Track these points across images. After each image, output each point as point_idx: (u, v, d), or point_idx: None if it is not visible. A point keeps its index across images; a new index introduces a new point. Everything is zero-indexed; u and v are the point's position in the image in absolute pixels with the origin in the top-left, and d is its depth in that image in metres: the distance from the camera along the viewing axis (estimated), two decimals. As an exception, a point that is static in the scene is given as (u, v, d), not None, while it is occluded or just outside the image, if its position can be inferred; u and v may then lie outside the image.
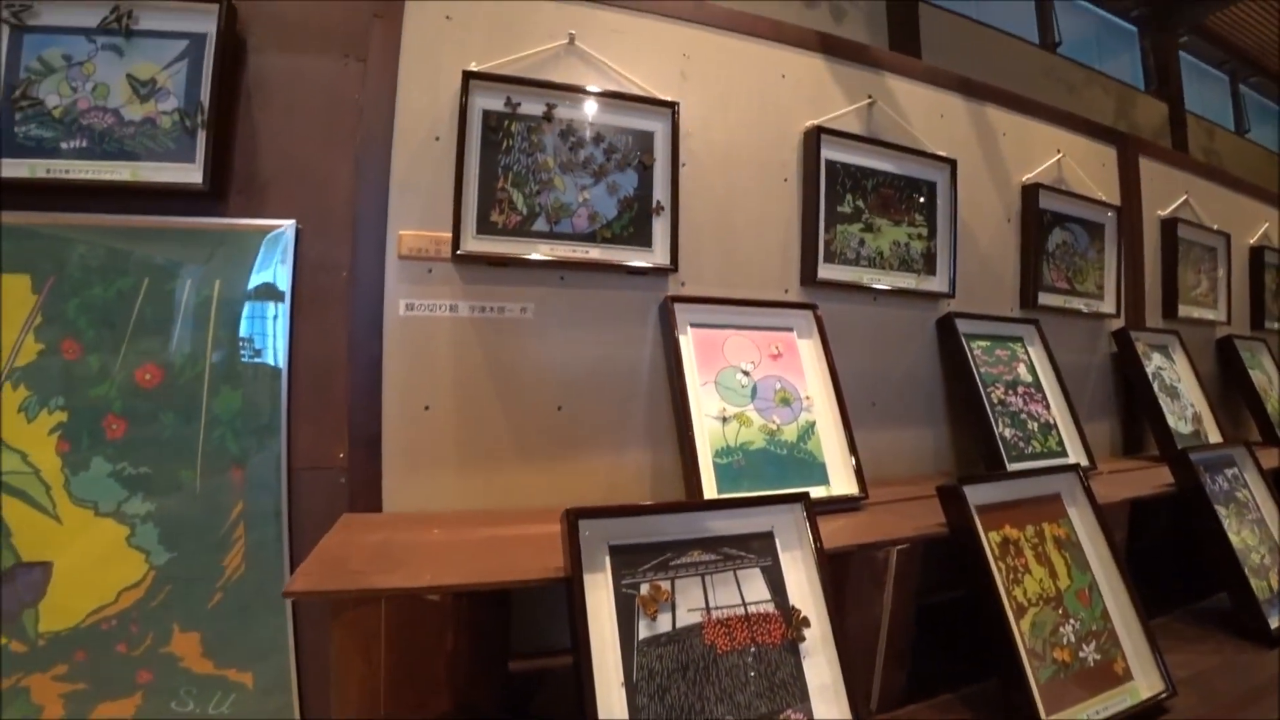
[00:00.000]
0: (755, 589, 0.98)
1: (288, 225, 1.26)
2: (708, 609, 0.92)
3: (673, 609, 0.89)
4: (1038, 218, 1.88)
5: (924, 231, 1.69)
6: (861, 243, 1.61)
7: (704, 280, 1.46)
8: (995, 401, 1.64)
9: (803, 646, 0.95)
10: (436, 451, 1.27)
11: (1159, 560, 1.84)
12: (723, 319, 1.43)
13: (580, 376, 1.36)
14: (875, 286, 1.61)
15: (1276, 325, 2.78)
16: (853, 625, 1.21)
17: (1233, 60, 4.73)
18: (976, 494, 1.19)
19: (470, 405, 1.29)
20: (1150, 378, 2.05)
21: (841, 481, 1.37)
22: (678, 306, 1.38)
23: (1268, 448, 2.29)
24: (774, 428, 1.36)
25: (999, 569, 1.16)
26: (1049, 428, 1.70)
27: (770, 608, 0.97)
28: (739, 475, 1.29)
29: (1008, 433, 1.61)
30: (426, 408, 1.26)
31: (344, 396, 1.25)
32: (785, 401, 1.40)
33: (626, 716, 0.79)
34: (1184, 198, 2.44)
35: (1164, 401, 2.05)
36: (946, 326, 1.70)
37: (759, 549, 1.02)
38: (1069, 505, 1.31)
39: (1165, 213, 2.34)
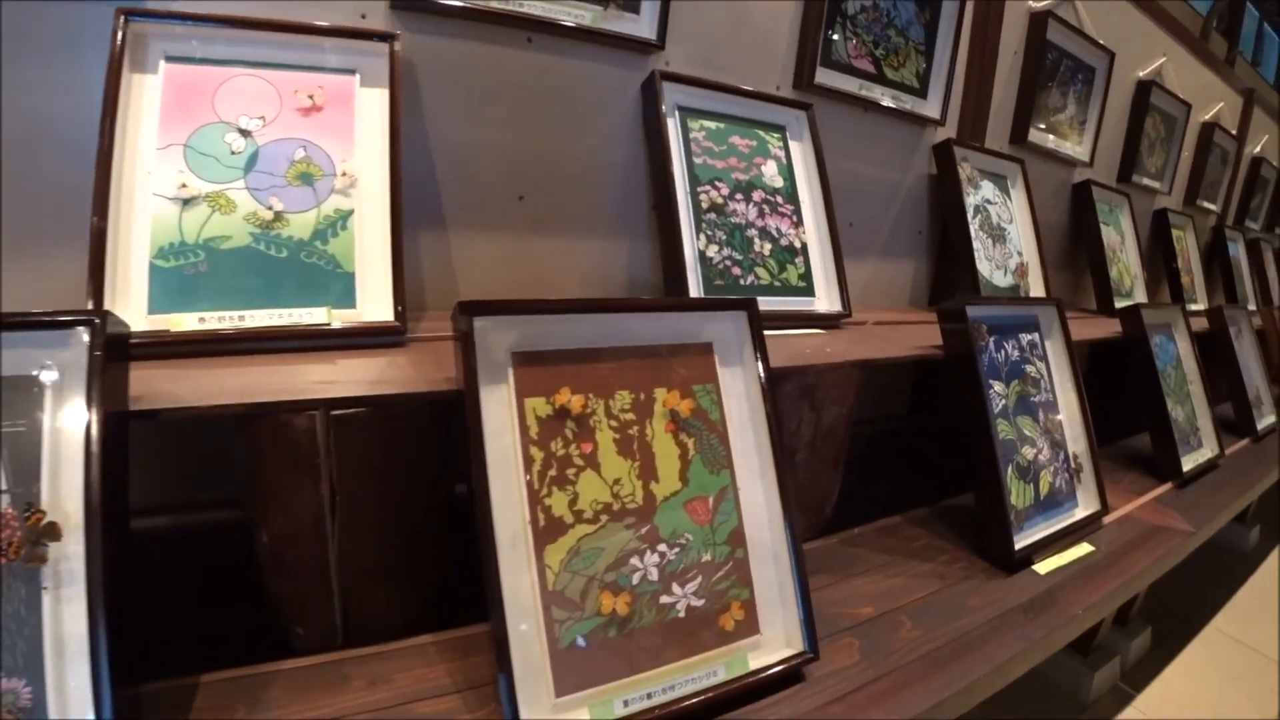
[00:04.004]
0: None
1: None
2: None
3: None
4: (833, -46, 1.26)
5: (625, -61, 1.05)
6: (502, -58, 0.96)
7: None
8: (705, 206, 1.09)
9: (45, 573, 0.51)
10: None
11: (945, 443, 1.44)
12: (227, 51, 0.82)
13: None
14: (520, 11, 0.98)
15: (1145, 181, 2.34)
16: (281, 527, 0.70)
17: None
18: (507, 332, 0.66)
19: None
20: (971, 210, 1.56)
21: (376, 303, 0.82)
22: (139, 27, 0.77)
23: (1097, 317, 1.90)
24: (269, 217, 0.80)
25: (528, 461, 0.65)
26: (792, 253, 1.17)
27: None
28: (194, 287, 0.75)
29: (714, 252, 1.08)
30: None
31: None
32: (305, 178, 0.82)
33: None
34: (1067, -9, 1.86)
35: (982, 243, 1.57)
36: (650, 93, 1.11)
37: (17, 407, 0.53)
38: (725, 365, 0.80)
39: (1038, 5, 1.77)
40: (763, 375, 0.78)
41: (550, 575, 0.64)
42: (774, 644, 0.74)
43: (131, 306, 0.72)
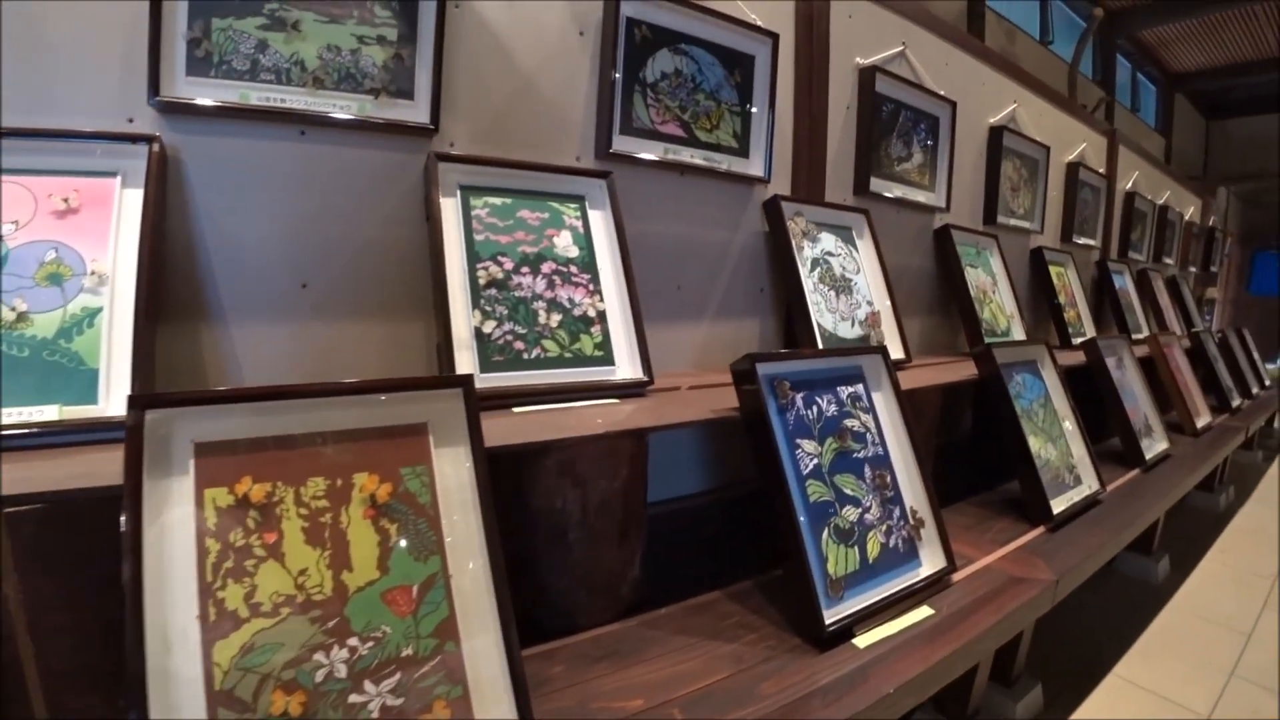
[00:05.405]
0: None
1: None
2: None
3: None
4: (617, 31, 1.27)
5: (390, 33, 1.05)
6: (264, 46, 0.97)
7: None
8: (484, 282, 1.05)
9: None
10: None
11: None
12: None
13: None
14: (285, 107, 0.98)
15: (1014, 221, 2.39)
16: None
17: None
18: (190, 423, 0.63)
19: None
20: (808, 264, 1.55)
21: (121, 398, 0.81)
22: None
23: (965, 360, 1.88)
24: (12, 317, 0.81)
25: (203, 553, 0.61)
26: (588, 322, 1.13)
27: None
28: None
29: (492, 328, 1.03)
30: None
31: None
32: (54, 279, 0.85)
33: None
34: (900, 48, 1.93)
35: (823, 296, 1.55)
36: (428, 174, 1.08)
37: None
38: (441, 445, 0.74)
39: (867, 61, 1.82)
40: (474, 456, 0.72)
41: (219, 673, 0.58)
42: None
43: None
